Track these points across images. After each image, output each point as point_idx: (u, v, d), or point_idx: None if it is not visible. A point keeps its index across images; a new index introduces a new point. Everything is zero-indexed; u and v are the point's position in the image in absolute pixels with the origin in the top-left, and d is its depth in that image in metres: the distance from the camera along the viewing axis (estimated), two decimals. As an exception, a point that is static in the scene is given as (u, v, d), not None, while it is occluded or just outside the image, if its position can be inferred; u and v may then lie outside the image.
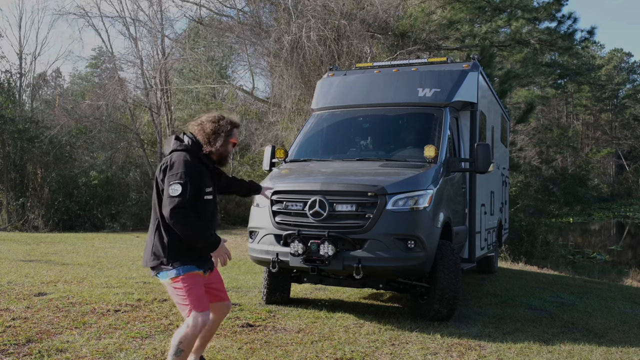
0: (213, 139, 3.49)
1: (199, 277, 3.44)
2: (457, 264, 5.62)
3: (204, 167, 3.45)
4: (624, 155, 56.66)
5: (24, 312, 5.25)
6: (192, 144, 3.47)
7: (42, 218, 17.70)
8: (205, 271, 3.49)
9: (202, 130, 3.50)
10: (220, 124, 3.51)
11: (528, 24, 18.31)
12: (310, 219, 5.42)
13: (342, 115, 7.16)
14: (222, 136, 3.50)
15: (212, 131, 3.49)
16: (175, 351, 3.27)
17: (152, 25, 21.63)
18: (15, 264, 8.83)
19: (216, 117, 3.55)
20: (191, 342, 3.32)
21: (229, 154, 3.64)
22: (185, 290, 3.34)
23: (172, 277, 3.35)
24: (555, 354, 4.72)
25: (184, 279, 3.35)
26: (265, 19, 18.48)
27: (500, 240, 10.33)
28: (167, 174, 3.34)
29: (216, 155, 3.54)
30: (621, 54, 62.27)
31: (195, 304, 3.32)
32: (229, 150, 3.57)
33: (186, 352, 3.31)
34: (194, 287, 3.36)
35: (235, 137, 3.60)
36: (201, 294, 3.40)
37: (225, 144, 3.52)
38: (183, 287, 3.34)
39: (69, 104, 25.15)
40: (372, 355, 4.44)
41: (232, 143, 3.56)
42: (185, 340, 3.27)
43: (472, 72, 6.85)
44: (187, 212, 3.28)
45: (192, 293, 3.34)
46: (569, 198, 22.73)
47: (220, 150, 3.51)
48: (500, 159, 10.01)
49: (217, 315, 3.67)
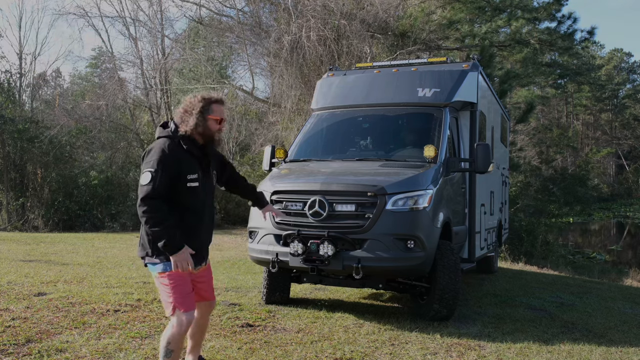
0: (186, 118, 3.31)
1: (185, 274, 3.31)
2: (456, 264, 5.62)
3: (186, 153, 3.29)
4: (624, 155, 56.67)
5: (23, 312, 5.25)
6: (174, 129, 3.34)
7: (42, 218, 17.69)
8: (194, 267, 3.35)
9: (178, 112, 3.38)
10: (191, 101, 3.35)
11: (528, 24, 18.31)
12: (310, 219, 5.42)
13: (342, 115, 7.16)
14: (194, 114, 3.29)
15: (184, 110, 3.34)
16: (165, 352, 3.22)
17: (152, 25, 21.67)
18: (15, 264, 8.84)
19: (190, 96, 3.39)
20: (179, 341, 3.25)
21: (214, 133, 3.37)
22: (170, 287, 3.24)
23: (159, 271, 3.28)
24: (554, 354, 4.72)
25: (170, 275, 3.25)
26: (265, 19, 18.50)
27: (500, 240, 10.34)
28: (143, 161, 3.27)
29: (198, 135, 3.33)
30: (621, 54, 62.30)
31: (179, 302, 3.23)
32: (212, 128, 3.34)
33: (176, 352, 3.25)
34: (180, 285, 3.26)
35: (217, 114, 3.36)
36: (187, 291, 3.29)
37: (201, 122, 3.30)
38: (169, 284, 3.25)
39: (69, 104, 25.15)
40: (372, 355, 4.45)
41: (213, 120, 3.34)
42: (173, 341, 3.22)
43: (471, 72, 6.85)
44: (155, 203, 3.14)
45: (177, 290, 3.24)
46: (569, 198, 22.74)
47: (199, 130, 3.31)
48: (500, 159, 10.01)
49: (202, 313, 3.58)
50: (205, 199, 3.40)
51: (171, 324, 3.25)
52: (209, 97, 3.37)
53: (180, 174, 3.23)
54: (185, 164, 3.26)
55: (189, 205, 3.31)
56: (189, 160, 3.30)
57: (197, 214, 3.37)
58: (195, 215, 3.36)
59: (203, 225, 3.43)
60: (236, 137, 22.48)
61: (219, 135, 3.41)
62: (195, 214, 3.36)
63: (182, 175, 3.24)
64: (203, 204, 3.38)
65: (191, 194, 3.28)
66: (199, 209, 3.36)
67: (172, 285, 3.24)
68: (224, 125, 3.45)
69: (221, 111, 3.40)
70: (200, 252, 3.44)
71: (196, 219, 3.37)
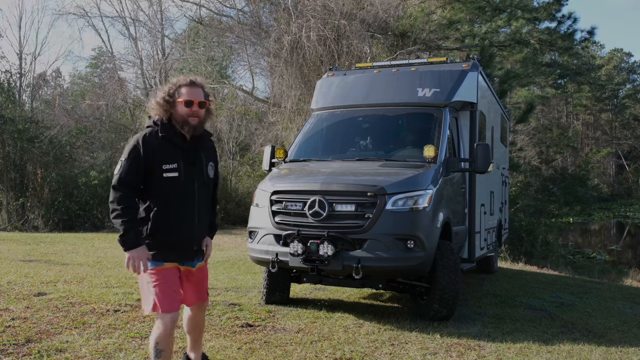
0: (155, 105, 3.20)
1: (171, 272, 3.18)
2: (456, 264, 5.62)
3: (165, 142, 3.14)
4: (624, 155, 56.68)
5: (23, 312, 5.25)
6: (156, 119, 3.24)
7: (42, 218, 17.69)
8: (183, 263, 3.25)
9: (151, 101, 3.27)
10: (162, 88, 3.23)
11: (528, 24, 18.33)
12: (309, 219, 5.42)
13: (342, 115, 7.16)
14: (162, 99, 3.17)
15: (154, 99, 3.23)
16: (155, 353, 3.15)
17: (152, 25, 21.69)
18: (15, 264, 8.83)
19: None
20: (167, 341, 3.15)
21: (184, 117, 3.16)
22: (153, 285, 3.12)
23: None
24: (554, 354, 4.72)
25: (151, 273, 3.14)
26: (265, 19, 18.52)
27: (500, 240, 10.34)
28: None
29: (176, 123, 3.18)
30: (621, 54, 62.32)
31: (161, 302, 3.09)
32: (180, 111, 3.16)
33: (166, 351, 3.16)
34: (162, 284, 3.12)
35: (185, 96, 3.16)
36: (169, 291, 3.14)
37: (170, 106, 3.17)
38: (152, 281, 3.12)
39: (69, 104, 25.16)
40: (372, 355, 4.44)
41: (182, 103, 3.15)
42: (161, 341, 3.14)
43: (471, 72, 6.85)
44: (120, 193, 3.06)
45: (160, 289, 3.11)
46: (569, 198, 22.75)
47: (168, 115, 3.18)
48: (500, 159, 10.01)
49: (194, 313, 3.48)
50: (191, 190, 3.20)
51: (156, 324, 3.17)
52: (177, 81, 3.24)
53: (155, 163, 3.10)
54: (161, 154, 3.12)
55: (169, 198, 3.14)
56: (168, 150, 3.14)
57: (180, 207, 3.18)
58: (178, 208, 3.17)
59: (189, 220, 3.22)
60: (236, 137, 22.49)
61: (195, 120, 3.18)
62: (178, 207, 3.17)
63: (157, 164, 3.10)
64: (186, 196, 3.19)
65: (170, 185, 3.12)
66: (181, 202, 3.18)
67: (153, 284, 3.12)
68: (197, 108, 3.18)
69: (191, 93, 3.18)
70: (188, 249, 3.27)
71: (179, 213, 3.18)
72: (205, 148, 3.36)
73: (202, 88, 3.24)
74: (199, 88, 3.23)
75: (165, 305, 3.10)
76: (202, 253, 3.42)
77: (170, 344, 3.22)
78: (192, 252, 3.32)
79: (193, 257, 3.35)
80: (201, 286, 3.45)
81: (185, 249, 3.26)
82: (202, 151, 3.31)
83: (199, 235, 3.34)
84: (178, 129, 3.18)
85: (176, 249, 3.22)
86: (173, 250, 3.21)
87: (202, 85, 3.25)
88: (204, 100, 3.22)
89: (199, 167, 3.27)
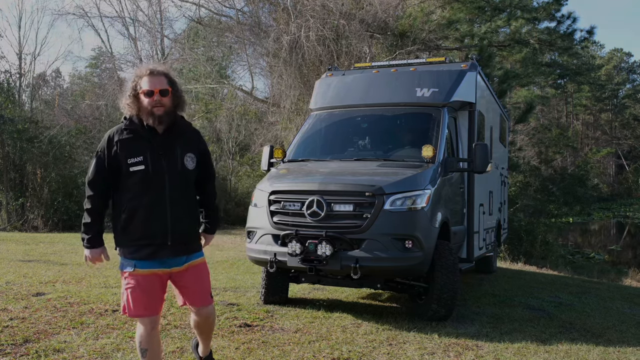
0: (125, 103, 3.12)
1: (144, 278, 3.06)
2: (455, 264, 5.62)
3: (130, 136, 3.07)
4: (624, 155, 56.68)
5: (21, 312, 5.25)
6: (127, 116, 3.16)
7: (41, 218, 17.68)
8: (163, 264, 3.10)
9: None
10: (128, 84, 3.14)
11: (527, 24, 18.33)
12: (307, 219, 5.42)
13: (340, 115, 7.16)
14: (129, 95, 3.09)
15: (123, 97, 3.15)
16: (141, 353, 3.12)
17: (151, 26, 21.70)
18: (14, 264, 8.84)
19: None
20: (148, 340, 3.09)
21: (150, 107, 3.04)
22: (125, 288, 3.08)
23: (120, 268, 3.15)
24: (552, 353, 4.72)
25: (124, 276, 3.10)
26: (265, 19, 18.50)
27: (499, 240, 10.34)
28: None
29: (139, 113, 3.08)
30: (621, 54, 62.34)
31: (128, 306, 3.06)
32: (145, 103, 3.05)
33: (150, 350, 3.10)
34: (132, 288, 3.05)
35: (145, 86, 3.04)
36: (139, 296, 3.04)
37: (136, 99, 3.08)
38: (124, 285, 3.09)
39: (69, 104, 25.16)
40: (369, 355, 4.44)
41: (142, 94, 3.05)
42: (143, 340, 3.10)
43: (470, 72, 6.85)
44: (90, 194, 3.10)
45: (129, 294, 3.05)
46: (568, 198, 22.74)
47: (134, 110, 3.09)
48: (499, 159, 10.01)
49: (196, 318, 3.34)
50: (161, 183, 3.05)
51: (137, 325, 3.16)
52: (138, 72, 3.12)
53: (120, 158, 3.03)
54: (126, 148, 3.04)
55: (137, 192, 3.05)
56: (133, 144, 3.05)
57: (150, 201, 3.05)
58: (148, 202, 3.05)
59: (160, 214, 3.06)
60: (236, 137, 22.49)
61: (160, 110, 3.04)
62: (147, 201, 3.05)
63: (123, 159, 3.03)
64: (155, 189, 3.05)
65: (137, 179, 3.03)
66: (150, 196, 3.05)
67: (127, 287, 3.07)
68: (159, 97, 3.04)
69: (151, 83, 3.04)
70: (161, 245, 3.08)
71: (149, 207, 3.05)
72: (182, 139, 3.20)
73: (164, 76, 3.11)
74: (161, 76, 3.09)
75: (131, 310, 3.07)
76: (190, 251, 3.22)
77: (154, 343, 3.14)
78: (169, 249, 3.10)
79: (173, 254, 3.12)
80: (198, 288, 3.26)
81: (158, 244, 3.07)
82: (176, 143, 3.15)
83: (176, 230, 3.10)
84: (145, 122, 3.08)
85: (149, 244, 3.06)
86: (146, 246, 3.06)
87: (164, 73, 3.12)
88: (166, 88, 3.07)
89: (171, 159, 3.10)
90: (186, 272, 3.21)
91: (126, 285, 3.08)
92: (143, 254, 3.07)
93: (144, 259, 3.08)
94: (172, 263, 3.14)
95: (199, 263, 3.28)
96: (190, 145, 3.24)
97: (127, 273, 3.09)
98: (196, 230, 3.34)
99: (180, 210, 3.13)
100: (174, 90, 3.14)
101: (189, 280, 3.22)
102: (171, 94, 3.11)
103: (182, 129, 3.23)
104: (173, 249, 3.12)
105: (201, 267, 3.30)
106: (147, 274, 3.08)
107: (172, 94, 3.12)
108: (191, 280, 3.23)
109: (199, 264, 3.28)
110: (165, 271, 3.14)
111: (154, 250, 3.07)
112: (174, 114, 3.15)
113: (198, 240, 3.35)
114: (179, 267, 3.18)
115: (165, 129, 3.12)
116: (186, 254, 3.21)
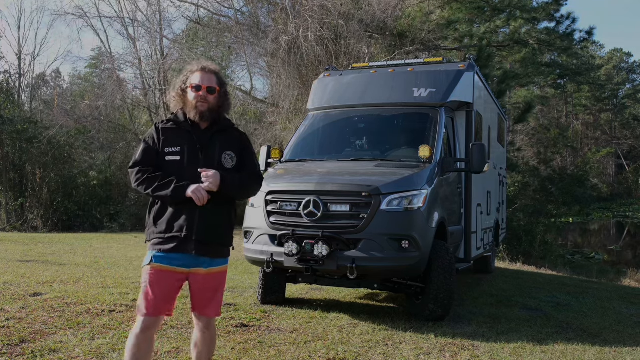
0: (172, 97, 3.18)
1: (164, 274, 2.97)
2: (451, 264, 5.62)
3: (172, 127, 3.11)
4: (624, 155, 56.66)
5: (18, 313, 5.26)
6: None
7: (41, 218, 17.70)
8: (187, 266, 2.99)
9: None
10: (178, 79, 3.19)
11: (527, 24, 18.35)
12: (304, 219, 5.42)
13: (338, 115, 7.16)
14: (175, 84, 3.15)
15: (172, 91, 3.21)
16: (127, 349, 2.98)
17: (150, 26, 21.66)
18: (12, 264, 8.84)
19: None
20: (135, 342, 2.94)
21: (195, 102, 3.06)
22: (142, 284, 3.01)
23: (143, 263, 3.05)
24: (548, 353, 4.72)
25: (146, 271, 3.01)
26: (264, 19, 18.50)
27: (498, 240, 10.33)
28: None
29: (185, 108, 3.12)
30: (621, 54, 62.31)
31: (140, 304, 2.99)
32: (191, 97, 3.08)
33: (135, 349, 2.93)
34: (150, 285, 2.97)
35: (195, 81, 3.07)
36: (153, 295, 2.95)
37: (184, 94, 3.12)
38: (143, 281, 3.02)
39: (68, 104, 25.12)
40: (365, 355, 4.45)
41: (190, 88, 3.08)
42: (130, 337, 2.97)
43: (467, 72, 6.86)
44: (136, 170, 3.05)
45: (146, 290, 2.97)
46: (568, 198, 22.74)
47: (180, 100, 3.13)
48: (498, 159, 10.01)
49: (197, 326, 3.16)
50: (194, 176, 2.99)
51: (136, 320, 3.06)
52: (189, 68, 3.17)
53: (159, 148, 3.07)
54: (166, 138, 3.08)
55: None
56: (173, 134, 3.09)
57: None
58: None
59: (190, 208, 2.99)
60: (235, 137, 22.40)
61: (204, 106, 3.06)
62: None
63: (162, 148, 3.07)
64: (187, 181, 2.98)
65: (172, 168, 3.02)
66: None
67: (144, 283, 2.99)
68: (205, 93, 3.07)
69: (201, 79, 3.08)
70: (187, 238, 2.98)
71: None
72: (223, 137, 3.15)
73: (215, 75, 3.13)
74: (212, 74, 3.11)
75: (141, 308, 2.98)
76: (215, 253, 3.08)
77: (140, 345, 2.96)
78: (192, 244, 2.98)
79: (196, 251, 2.99)
80: (207, 295, 3.10)
81: (182, 238, 2.97)
82: (217, 140, 3.12)
83: (202, 225, 3.00)
84: (188, 116, 3.11)
85: (174, 237, 2.97)
86: (171, 239, 2.98)
87: (215, 72, 3.14)
88: (214, 86, 3.08)
89: (209, 155, 3.07)
90: (206, 276, 3.07)
91: (144, 280, 3.00)
92: (166, 247, 2.98)
93: (166, 252, 2.98)
94: (193, 263, 3.01)
95: (220, 271, 3.14)
96: (231, 144, 3.18)
97: (149, 266, 2.99)
98: (226, 233, 3.16)
99: (211, 207, 3.02)
100: (222, 91, 3.15)
101: (205, 285, 3.09)
102: (218, 93, 3.12)
103: (224, 128, 3.20)
104: (197, 246, 2.99)
105: (221, 276, 3.16)
106: (165, 270, 2.98)
107: (219, 93, 3.13)
108: (207, 285, 3.09)
109: (220, 271, 3.14)
110: (184, 271, 3.01)
111: (177, 244, 2.98)
112: (217, 112, 3.14)
113: (226, 246, 3.18)
114: (199, 269, 3.04)
115: (208, 126, 3.12)
116: (210, 256, 3.06)
